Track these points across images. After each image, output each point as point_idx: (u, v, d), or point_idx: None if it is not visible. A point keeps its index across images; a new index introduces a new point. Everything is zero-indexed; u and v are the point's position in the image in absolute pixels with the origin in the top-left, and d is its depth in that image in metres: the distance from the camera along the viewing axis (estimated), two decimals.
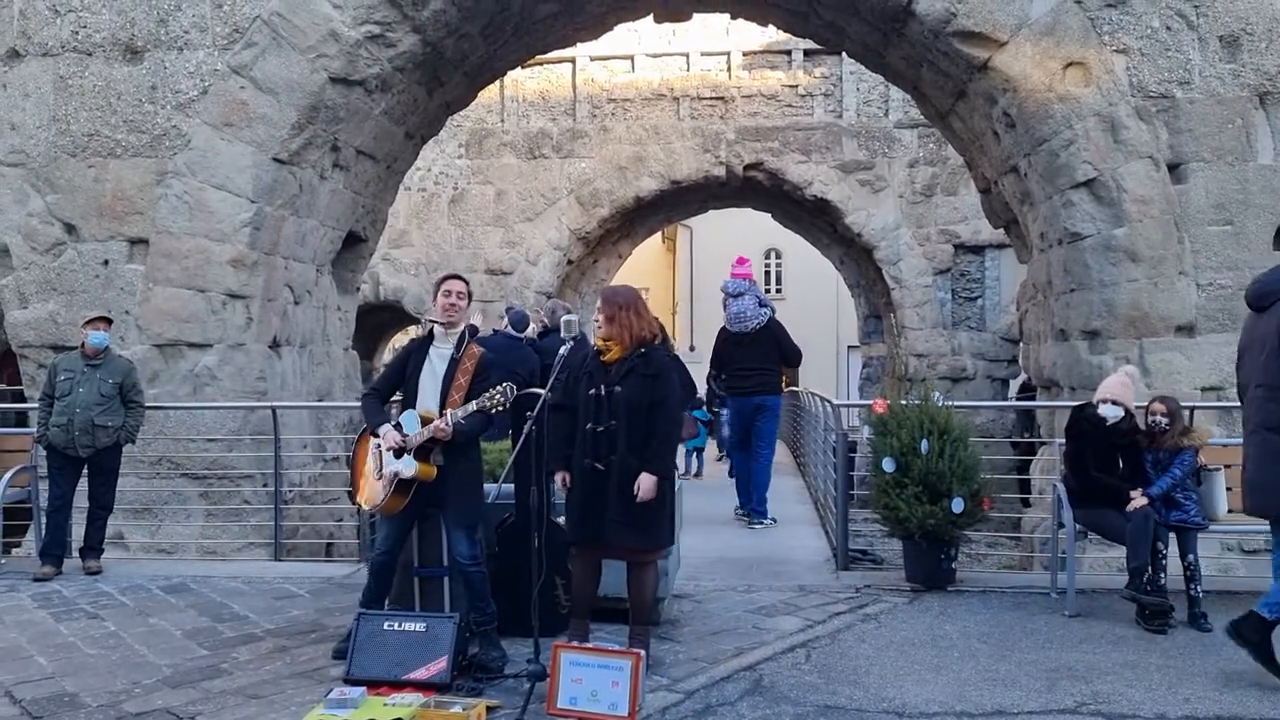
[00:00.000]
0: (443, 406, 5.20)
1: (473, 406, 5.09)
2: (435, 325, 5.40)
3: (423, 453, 5.15)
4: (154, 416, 8.76)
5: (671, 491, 5.28)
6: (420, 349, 5.41)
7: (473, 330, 5.54)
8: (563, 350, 5.22)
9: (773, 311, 10.15)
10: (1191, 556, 6.14)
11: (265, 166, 9.28)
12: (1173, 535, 6.22)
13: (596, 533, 5.06)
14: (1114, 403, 6.30)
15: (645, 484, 4.97)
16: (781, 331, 10.06)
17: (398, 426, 5.21)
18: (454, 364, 5.29)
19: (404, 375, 5.41)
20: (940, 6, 8.76)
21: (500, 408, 5.11)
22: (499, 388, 5.07)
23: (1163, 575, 6.09)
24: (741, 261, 10.52)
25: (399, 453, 5.14)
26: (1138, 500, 6.10)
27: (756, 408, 9.98)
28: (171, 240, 9.28)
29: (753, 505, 10.08)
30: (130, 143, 9.39)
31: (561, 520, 5.41)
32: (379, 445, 5.23)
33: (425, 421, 5.15)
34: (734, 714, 4.62)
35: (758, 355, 9.89)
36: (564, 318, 5.24)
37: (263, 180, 9.29)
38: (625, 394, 5.06)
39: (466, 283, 5.52)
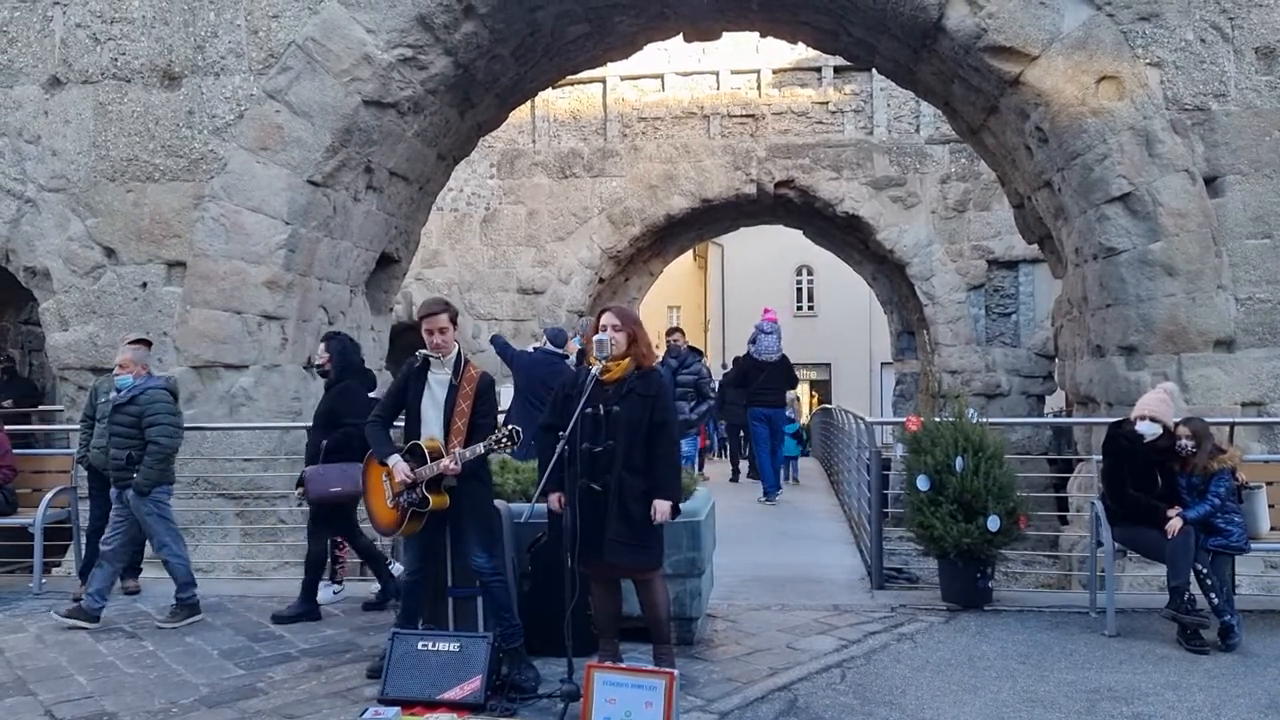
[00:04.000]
0: (447, 432, 5.26)
1: (481, 449, 5.14)
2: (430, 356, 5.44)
3: (434, 482, 5.21)
4: (191, 437, 8.82)
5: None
6: (418, 375, 5.43)
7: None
8: (593, 370, 5.22)
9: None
10: (1226, 579, 6.03)
11: (300, 189, 9.39)
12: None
13: (597, 552, 5.01)
14: (1152, 419, 6.21)
15: (661, 509, 4.96)
16: (789, 364, 14.08)
17: (406, 456, 5.25)
18: (453, 390, 5.34)
19: (404, 401, 5.46)
20: (971, 22, 8.73)
21: (506, 449, 5.19)
22: (505, 431, 5.12)
23: (1213, 596, 5.97)
24: (768, 310, 14.37)
25: (411, 485, 5.18)
26: (1174, 523, 6.00)
27: (776, 415, 13.73)
28: (208, 263, 9.40)
29: (770, 485, 13.57)
30: (168, 167, 9.53)
31: None
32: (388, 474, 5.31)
33: (431, 449, 5.22)
34: None
35: (774, 379, 13.67)
36: (596, 337, 5.24)
37: (297, 202, 9.40)
38: (625, 414, 5.04)
39: (447, 307, 5.48)
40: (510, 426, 5.20)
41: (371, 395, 7.46)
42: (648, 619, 5.23)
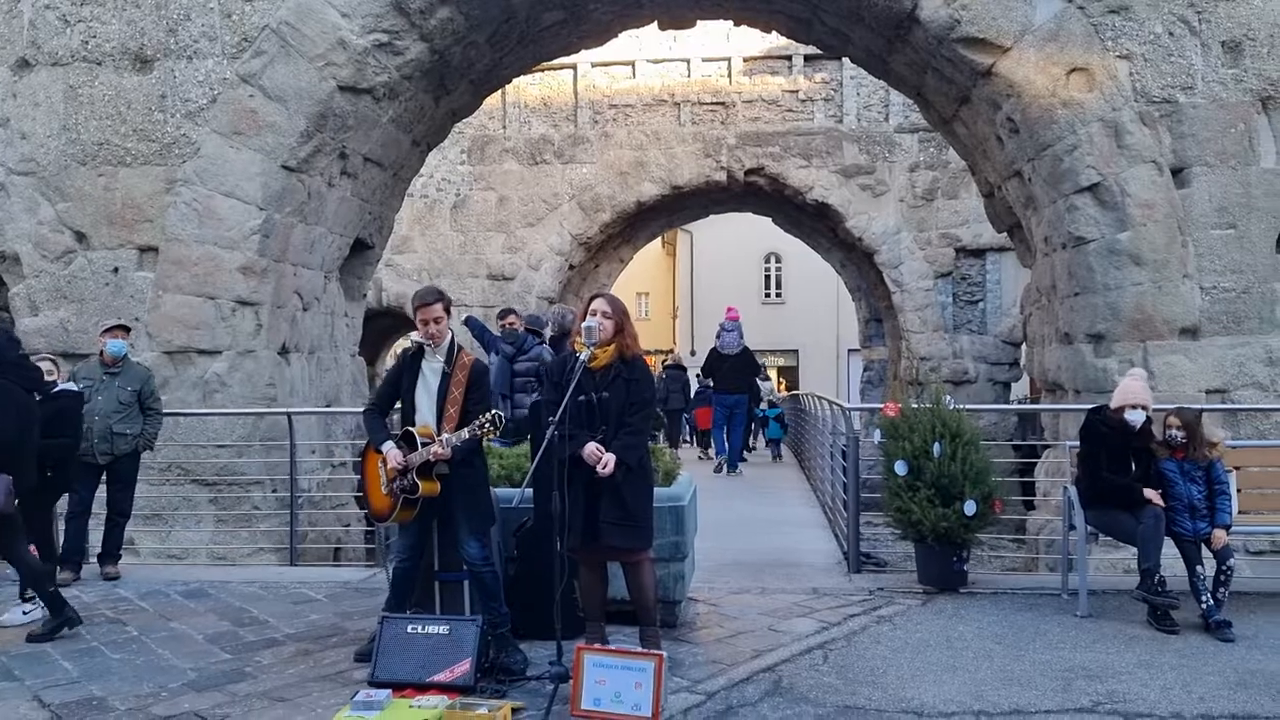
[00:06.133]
0: (440, 419, 5.31)
1: (465, 434, 5.17)
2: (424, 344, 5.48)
3: (425, 469, 5.25)
4: (164, 423, 8.79)
5: (650, 493, 5.31)
6: (412, 363, 5.49)
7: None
8: (582, 356, 5.26)
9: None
10: (1231, 560, 6.17)
11: (274, 174, 9.33)
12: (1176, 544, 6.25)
13: (592, 536, 5.08)
14: (1142, 408, 6.36)
15: (607, 460, 4.94)
16: (750, 355, 16.10)
17: (399, 443, 5.31)
18: (446, 377, 5.39)
19: (399, 390, 5.52)
20: (944, 13, 8.84)
21: (489, 436, 5.21)
22: (489, 415, 5.12)
23: (1221, 591, 6.10)
24: (731, 309, 16.20)
25: (403, 471, 5.23)
26: (1220, 536, 6.13)
27: (736, 402, 15.71)
28: (181, 248, 9.33)
29: (731, 461, 15.93)
30: (140, 151, 9.44)
31: None
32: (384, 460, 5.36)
33: (423, 435, 5.27)
34: (756, 715, 4.68)
35: (737, 369, 15.62)
36: (584, 323, 5.27)
37: (271, 188, 9.34)
38: (613, 399, 5.13)
39: (441, 296, 5.48)
40: (493, 412, 5.21)
41: (64, 388, 6.80)
42: (635, 602, 5.29)
